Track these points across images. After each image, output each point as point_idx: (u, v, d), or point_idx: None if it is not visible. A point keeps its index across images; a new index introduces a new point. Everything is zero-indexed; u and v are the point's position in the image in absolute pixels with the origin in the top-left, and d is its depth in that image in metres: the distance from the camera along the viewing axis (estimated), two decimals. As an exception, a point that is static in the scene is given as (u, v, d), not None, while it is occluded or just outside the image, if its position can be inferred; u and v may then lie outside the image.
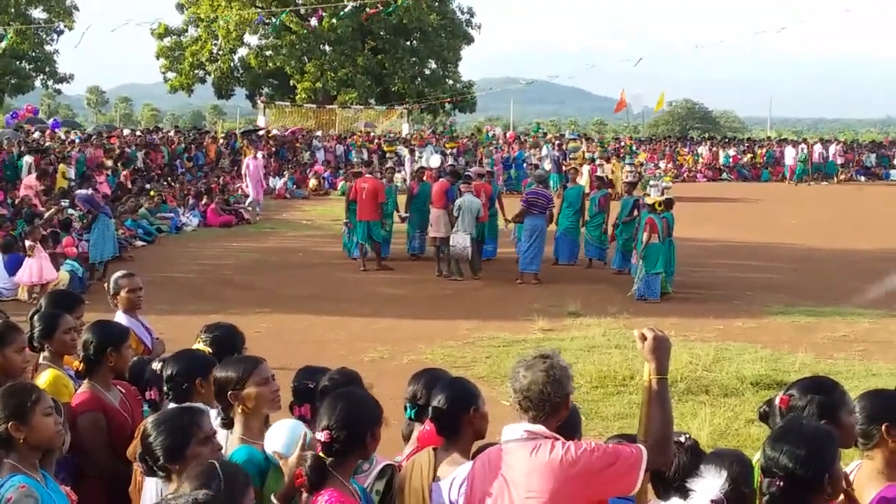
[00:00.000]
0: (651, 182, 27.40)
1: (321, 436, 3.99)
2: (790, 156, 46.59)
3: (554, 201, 19.25)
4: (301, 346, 12.29)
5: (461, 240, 18.26)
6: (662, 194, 19.42)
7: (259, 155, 31.75)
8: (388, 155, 39.65)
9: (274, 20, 47.86)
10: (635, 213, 18.84)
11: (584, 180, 28.26)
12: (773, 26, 64.40)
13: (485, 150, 39.23)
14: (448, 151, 37.73)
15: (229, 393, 4.50)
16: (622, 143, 47.64)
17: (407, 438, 4.91)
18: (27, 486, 3.81)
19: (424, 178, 21.51)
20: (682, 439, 4.18)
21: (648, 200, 17.57)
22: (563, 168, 31.92)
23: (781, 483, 3.40)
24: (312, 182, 36.17)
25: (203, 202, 27.01)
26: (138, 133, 39.74)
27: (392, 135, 46.98)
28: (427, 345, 12.79)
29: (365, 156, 39.01)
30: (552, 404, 3.84)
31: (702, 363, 11.57)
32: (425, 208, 19.75)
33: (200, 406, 4.39)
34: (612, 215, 19.93)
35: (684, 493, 3.70)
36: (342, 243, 20.99)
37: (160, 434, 3.88)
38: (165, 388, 4.93)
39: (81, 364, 5.30)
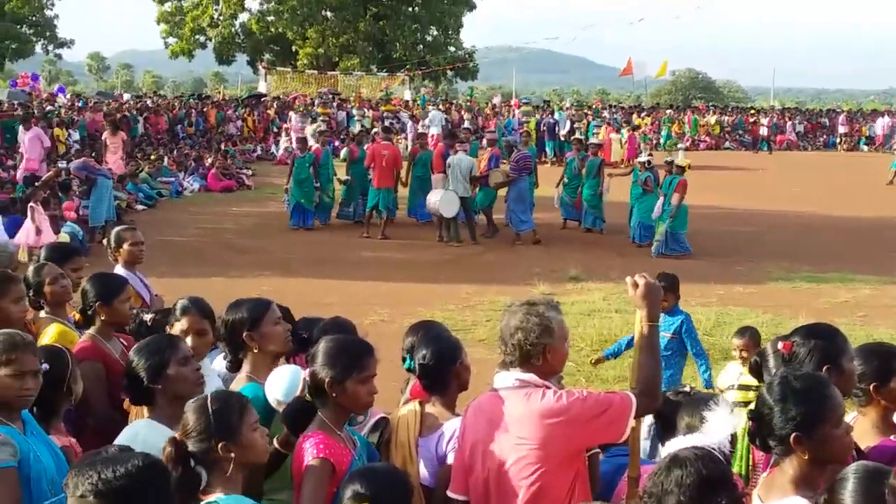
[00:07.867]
0: (678, 145, 27.72)
1: (306, 373, 4.00)
2: (881, 125, 47.24)
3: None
4: (302, 309, 11.98)
5: (434, 196, 18.14)
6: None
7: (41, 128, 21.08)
8: (387, 119, 39.46)
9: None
10: (603, 173, 19.84)
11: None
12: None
13: (420, 113, 39.13)
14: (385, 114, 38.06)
15: (245, 333, 4.51)
16: (591, 108, 47.54)
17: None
18: (3, 434, 3.69)
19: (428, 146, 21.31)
20: (688, 388, 4.18)
21: (680, 163, 17.75)
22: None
23: (752, 424, 3.42)
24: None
25: (204, 167, 26.89)
26: (139, 98, 39.54)
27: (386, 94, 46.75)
28: (427, 308, 12.75)
29: (368, 122, 38.78)
30: (522, 351, 3.81)
31: (702, 327, 11.52)
32: (426, 175, 19.68)
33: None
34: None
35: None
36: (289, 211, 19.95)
37: (141, 357, 4.14)
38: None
39: (79, 315, 5.31)
